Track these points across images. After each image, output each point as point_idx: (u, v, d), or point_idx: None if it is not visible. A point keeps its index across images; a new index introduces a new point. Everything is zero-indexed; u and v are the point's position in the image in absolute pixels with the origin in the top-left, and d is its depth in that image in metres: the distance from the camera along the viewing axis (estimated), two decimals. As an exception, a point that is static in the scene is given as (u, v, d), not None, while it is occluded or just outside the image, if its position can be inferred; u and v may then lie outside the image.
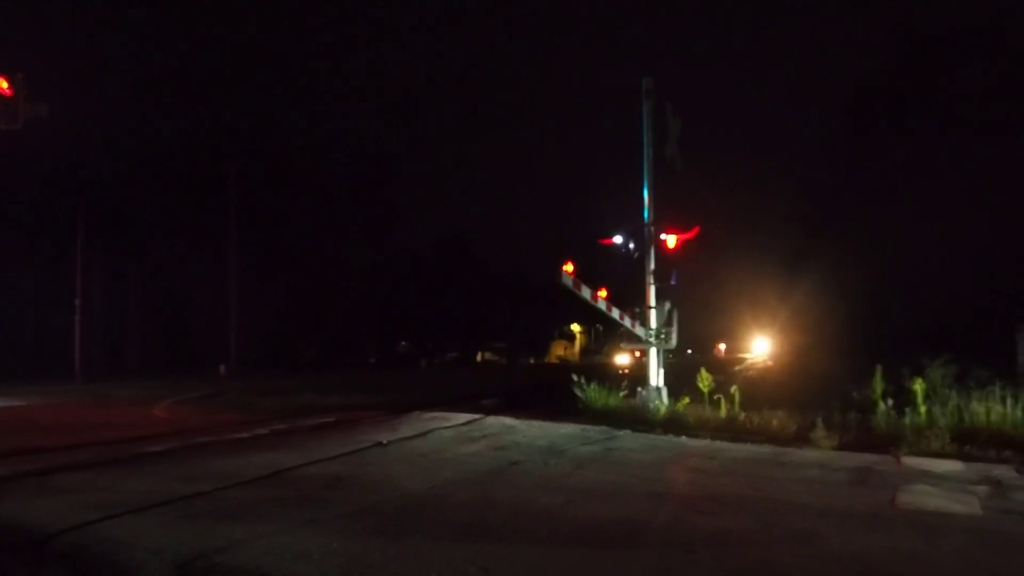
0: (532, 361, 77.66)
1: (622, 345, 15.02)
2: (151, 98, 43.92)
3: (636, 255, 14.20)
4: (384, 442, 10.09)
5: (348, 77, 71.98)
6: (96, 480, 7.28)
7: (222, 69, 56.53)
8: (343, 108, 76.46)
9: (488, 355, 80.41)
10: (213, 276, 43.94)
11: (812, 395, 13.71)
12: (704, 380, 12.75)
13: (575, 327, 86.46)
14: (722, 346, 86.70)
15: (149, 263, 45.32)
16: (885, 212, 22.11)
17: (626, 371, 14.70)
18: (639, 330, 13.90)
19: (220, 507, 6.23)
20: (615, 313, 13.98)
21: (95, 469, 7.91)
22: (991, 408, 10.63)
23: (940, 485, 7.68)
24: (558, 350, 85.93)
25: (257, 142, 47.21)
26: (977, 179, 19.66)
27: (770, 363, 35.00)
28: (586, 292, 13.83)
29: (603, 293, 13.91)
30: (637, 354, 13.86)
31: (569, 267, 13.53)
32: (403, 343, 70.83)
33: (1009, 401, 10.66)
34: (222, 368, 39.19)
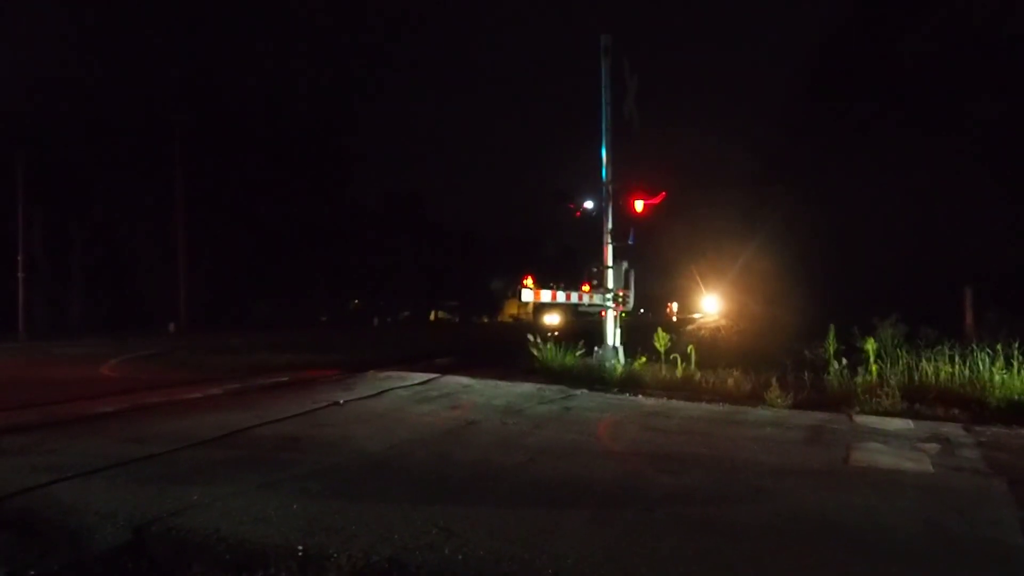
0: (486, 320, 77.73)
1: (584, 308, 14.95)
2: (91, 45, 42.19)
3: (594, 215, 14.18)
4: (340, 402, 10.00)
5: (300, 29, 70.26)
6: (43, 442, 7.08)
7: (166, 15, 54.65)
8: (295, 61, 74.61)
9: (442, 314, 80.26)
10: (161, 232, 42.95)
11: (765, 354, 13.90)
12: (661, 340, 12.83)
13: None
14: (674, 306, 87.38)
15: (94, 218, 43.98)
16: (837, 173, 22.39)
17: (556, 332, 14.63)
18: (597, 297, 13.92)
19: (173, 469, 6.11)
20: (574, 297, 14.01)
21: (42, 431, 7.68)
22: (940, 367, 10.92)
23: (891, 443, 7.86)
24: (511, 309, 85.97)
25: (204, 93, 45.81)
26: (927, 142, 19.95)
27: (722, 322, 35.43)
28: (546, 295, 13.94)
29: (561, 285, 14.13)
30: (605, 313, 13.95)
31: (529, 281, 13.70)
32: (355, 301, 70.29)
33: (957, 360, 10.94)
34: (172, 326, 38.54)
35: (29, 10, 44.35)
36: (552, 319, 41.04)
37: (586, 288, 14.09)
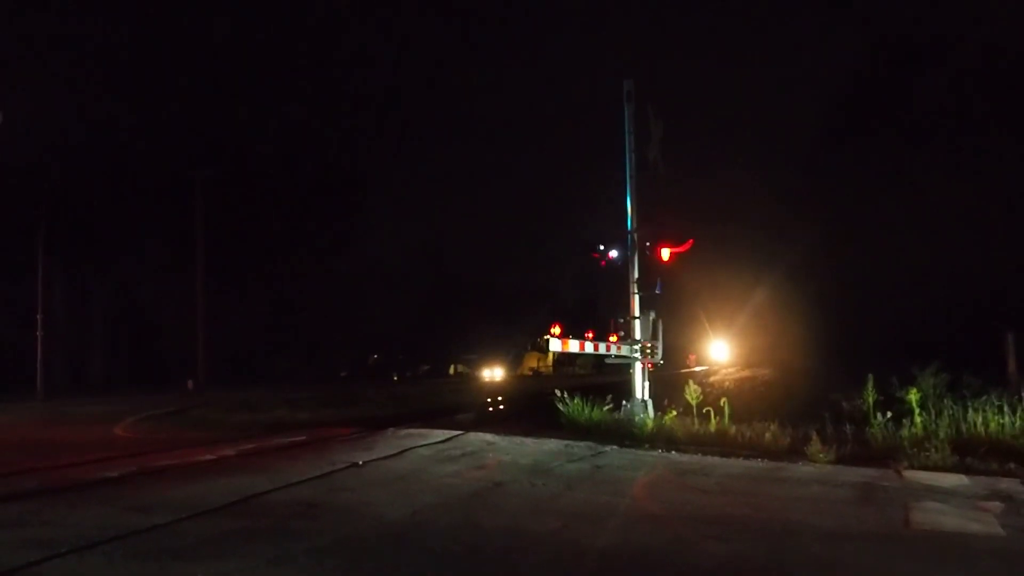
0: (504, 373, 76.92)
1: (611, 360, 14.22)
2: (112, 103, 42.80)
3: (619, 264, 13.73)
4: (359, 463, 9.50)
5: (319, 84, 70.92)
6: (41, 512, 6.62)
7: (186, 75, 55.41)
8: (313, 116, 75.32)
9: (461, 367, 79.59)
10: (181, 288, 42.88)
11: (798, 405, 13.32)
12: (692, 392, 12.29)
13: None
14: (693, 356, 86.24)
15: (114, 275, 44.07)
16: (863, 216, 21.94)
17: (499, 397, 13.39)
18: (624, 349, 13.41)
19: (177, 542, 5.63)
20: (602, 348, 13.50)
21: (41, 499, 7.23)
22: (989, 418, 10.29)
23: (950, 502, 7.29)
24: (531, 362, 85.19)
25: (225, 150, 46.15)
26: (959, 186, 19.50)
27: (746, 372, 34.68)
28: (573, 345, 13.39)
29: (590, 335, 13.54)
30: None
31: (556, 330, 13.14)
32: (375, 355, 69.86)
33: (1007, 411, 10.31)
34: (190, 383, 38.13)
35: (51, 69, 45.05)
36: (495, 372, 39.77)
37: (613, 338, 13.55)
